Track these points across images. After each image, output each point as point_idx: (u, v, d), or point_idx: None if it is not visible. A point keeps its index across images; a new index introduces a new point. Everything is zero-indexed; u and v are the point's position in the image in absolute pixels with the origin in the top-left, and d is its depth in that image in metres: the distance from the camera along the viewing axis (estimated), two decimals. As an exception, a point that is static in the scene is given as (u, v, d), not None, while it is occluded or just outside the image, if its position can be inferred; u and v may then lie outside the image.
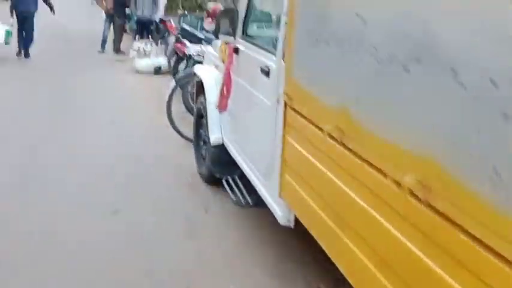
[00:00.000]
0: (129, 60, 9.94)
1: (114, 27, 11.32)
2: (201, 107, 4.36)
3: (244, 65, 3.40)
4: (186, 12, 10.71)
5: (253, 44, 3.26)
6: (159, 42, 10.17)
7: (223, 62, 3.71)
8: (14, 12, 9.77)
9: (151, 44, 10.09)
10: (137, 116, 6.57)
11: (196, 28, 8.18)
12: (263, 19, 3.65)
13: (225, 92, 3.50)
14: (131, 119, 6.35)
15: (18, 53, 10.09)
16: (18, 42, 9.99)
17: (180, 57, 7.46)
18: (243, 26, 3.48)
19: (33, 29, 9.96)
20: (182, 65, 6.45)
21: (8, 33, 9.47)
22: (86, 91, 7.75)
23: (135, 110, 6.83)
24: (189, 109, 6.26)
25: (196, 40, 7.52)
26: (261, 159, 3.02)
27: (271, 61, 2.87)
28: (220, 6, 10.84)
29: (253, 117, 3.19)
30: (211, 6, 10.60)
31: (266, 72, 2.91)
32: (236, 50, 3.47)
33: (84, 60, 10.44)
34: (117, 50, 11.33)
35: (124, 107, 6.93)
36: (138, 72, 9.43)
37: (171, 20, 9.88)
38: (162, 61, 9.46)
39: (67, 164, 4.70)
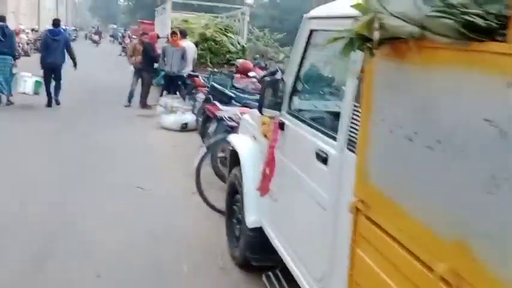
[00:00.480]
0: (155, 115, 9.65)
1: (141, 82, 11.16)
2: (236, 182, 3.88)
3: (292, 145, 2.93)
4: (215, 69, 10.49)
5: (305, 121, 2.79)
6: (187, 98, 9.91)
7: (265, 136, 3.25)
8: (42, 64, 10.17)
9: (178, 100, 9.83)
10: (162, 179, 6.12)
11: (226, 86, 7.85)
12: (317, 91, 3.20)
13: (267, 173, 3.01)
14: (155, 183, 5.89)
15: (48, 104, 10.33)
16: (47, 92, 10.27)
17: (209, 116, 7.09)
18: (291, 99, 3.03)
19: (60, 79, 10.37)
20: (212, 127, 6.04)
21: (38, 84, 9.99)
22: (109, 148, 7.37)
23: (160, 172, 6.39)
24: (219, 174, 5.80)
25: (227, 99, 7.16)
26: (315, 263, 2.48)
27: (329, 146, 2.39)
28: (249, 63, 10.63)
29: (304, 208, 2.68)
30: (240, 62, 10.39)
31: (323, 159, 2.42)
32: (282, 126, 3.02)
33: (109, 114, 10.22)
34: (143, 104, 11.10)
35: (148, 168, 6.50)
36: (164, 128, 9.11)
37: (200, 76, 9.63)
38: (189, 118, 9.14)
39: (79, 251, 4.05)
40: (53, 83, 10.32)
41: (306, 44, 2.90)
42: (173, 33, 10.22)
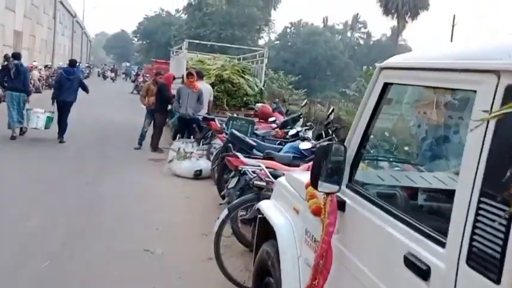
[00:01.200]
0: (167, 160, 8.97)
1: (154, 124, 10.55)
2: (268, 262, 3.11)
3: (359, 234, 2.18)
4: (234, 113, 9.87)
5: (380, 205, 2.04)
6: (201, 141, 9.24)
7: (314, 214, 2.51)
8: (55, 101, 10.46)
9: (192, 145, 9.17)
10: (174, 240, 5.34)
11: (245, 133, 7.18)
12: (401, 159, 2.47)
13: (321, 269, 2.25)
14: (166, 245, 5.11)
15: (59, 138, 10.57)
16: (59, 127, 10.54)
17: (226, 165, 6.36)
18: (355, 170, 2.31)
19: (67, 117, 10.57)
20: (232, 181, 5.29)
21: (49, 119, 10.37)
22: (115, 201, 6.64)
23: (171, 231, 5.62)
24: (239, 236, 5.04)
25: (247, 148, 6.47)
26: None
27: (432, 254, 1.63)
28: (269, 107, 10.00)
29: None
30: (259, 106, 9.76)
31: (420, 272, 1.66)
32: (342, 206, 2.28)
33: (119, 158, 9.57)
34: (154, 147, 10.46)
35: (158, 225, 5.73)
36: (176, 175, 8.40)
37: (216, 120, 8.99)
38: (203, 165, 8.44)
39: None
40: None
41: (378, 100, 2.20)
42: (189, 74, 9.66)
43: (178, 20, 49.84)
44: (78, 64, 12.81)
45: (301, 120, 8.13)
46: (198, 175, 8.35)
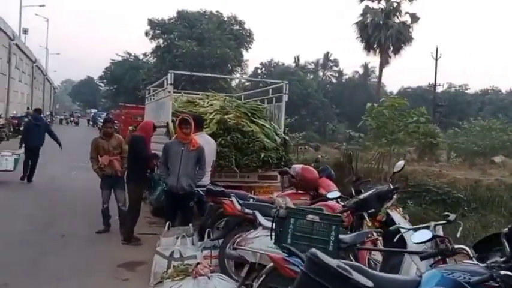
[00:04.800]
0: (152, 275, 4.95)
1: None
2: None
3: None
4: (248, 177, 6.00)
5: None
6: (206, 233, 5.31)
7: None
8: (23, 145, 10.88)
9: (192, 240, 5.24)
10: None
11: (327, 244, 3.32)
12: None
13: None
14: None
15: (23, 178, 10.80)
16: (24, 168, 10.76)
17: None
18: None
19: (37, 160, 10.90)
20: None
21: (16, 161, 10.54)
22: None
23: None
24: None
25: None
26: None
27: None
28: (313, 170, 6.17)
29: None
30: (297, 169, 5.92)
31: None
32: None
33: (66, 262, 5.49)
34: (127, 236, 6.42)
35: None
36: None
37: (234, 198, 5.12)
38: (219, 285, 4.46)
39: None
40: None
41: None
42: (183, 121, 5.76)
43: (147, 64, 46.33)
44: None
45: (395, 196, 4.40)
46: (210, 304, 4.36)
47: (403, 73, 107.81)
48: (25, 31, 40.18)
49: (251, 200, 5.63)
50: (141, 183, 6.49)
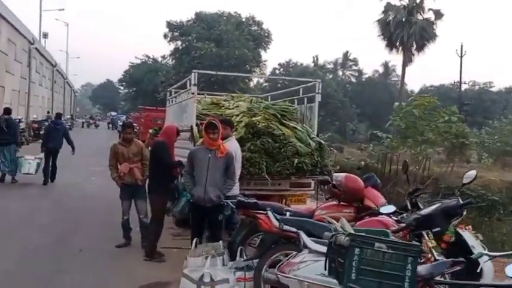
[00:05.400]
0: (175, 285, 4.35)
1: (151, 210, 5.98)
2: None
3: None
4: (280, 185, 5.33)
5: None
6: (238, 250, 4.68)
7: None
8: (43, 149, 11.18)
9: (223, 260, 4.60)
10: None
11: (403, 280, 2.64)
12: None
13: None
14: None
15: (45, 182, 10.97)
16: (45, 174, 10.99)
17: None
18: None
19: (56, 163, 11.21)
20: None
21: (39, 165, 10.95)
22: None
23: None
24: None
25: None
26: None
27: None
28: (357, 179, 5.47)
29: None
30: (340, 178, 5.22)
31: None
32: None
33: (87, 273, 4.93)
34: (150, 252, 5.82)
35: None
36: None
37: (270, 212, 4.47)
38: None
39: None
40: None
41: None
42: (210, 126, 5.12)
43: (165, 66, 46.07)
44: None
45: (464, 213, 3.69)
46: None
47: (424, 71, 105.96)
48: (45, 35, 40.27)
49: (288, 213, 4.98)
50: (164, 193, 5.87)
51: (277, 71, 58.09)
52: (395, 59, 56.32)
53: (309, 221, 4.45)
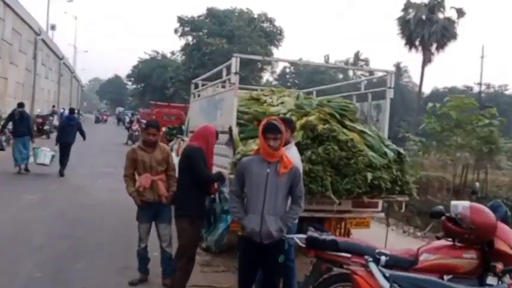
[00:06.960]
0: None
1: (178, 238, 4.36)
2: None
3: None
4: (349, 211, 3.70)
5: None
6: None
7: None
8: (58, 143, 11.72)
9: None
10: None
11: None
12: None
13: None
14: None
15: (61, 172, 11.53)
16: (61, 164, 11.57)
17: None
18: None
19: (69, 155, 11.77)
20: None
21: (52, 157, 11.56)
22: None
23: None
24: None
25: None
26: None
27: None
28: (485, 211, 3.81)
29: None
30: (460, 208, 3.57)
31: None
32: None
33: None
34: (177, 297, 4.22)
35: None
36: None
37: (373, 267, 2.86)
38: None
39: None
40: None
41: None
42: (270, 128, 3.51)
43: (174, 62, 44.52)
44: (62, 110, 15.78)
45: None
46: None
47: (435, 73, 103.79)
48: (53, 27, 38.78)
49: (382, 256, 3.36)
50: (198, 218, 4.26)
51: (287, 69, 56.48)
52: (409, 59, 54.42)
53: (439, 282, 2.83)
